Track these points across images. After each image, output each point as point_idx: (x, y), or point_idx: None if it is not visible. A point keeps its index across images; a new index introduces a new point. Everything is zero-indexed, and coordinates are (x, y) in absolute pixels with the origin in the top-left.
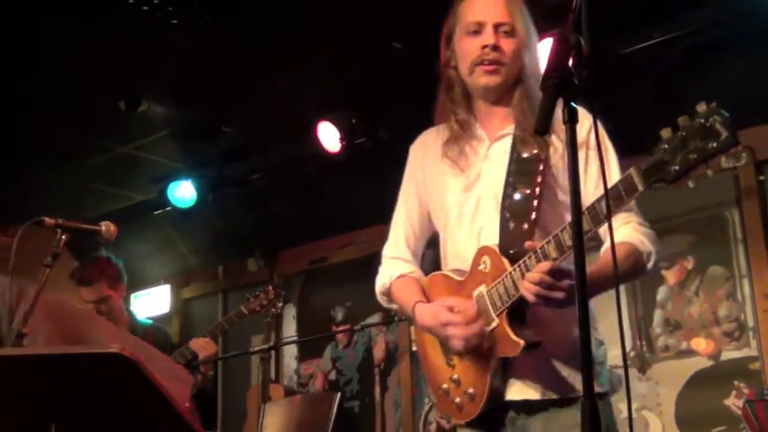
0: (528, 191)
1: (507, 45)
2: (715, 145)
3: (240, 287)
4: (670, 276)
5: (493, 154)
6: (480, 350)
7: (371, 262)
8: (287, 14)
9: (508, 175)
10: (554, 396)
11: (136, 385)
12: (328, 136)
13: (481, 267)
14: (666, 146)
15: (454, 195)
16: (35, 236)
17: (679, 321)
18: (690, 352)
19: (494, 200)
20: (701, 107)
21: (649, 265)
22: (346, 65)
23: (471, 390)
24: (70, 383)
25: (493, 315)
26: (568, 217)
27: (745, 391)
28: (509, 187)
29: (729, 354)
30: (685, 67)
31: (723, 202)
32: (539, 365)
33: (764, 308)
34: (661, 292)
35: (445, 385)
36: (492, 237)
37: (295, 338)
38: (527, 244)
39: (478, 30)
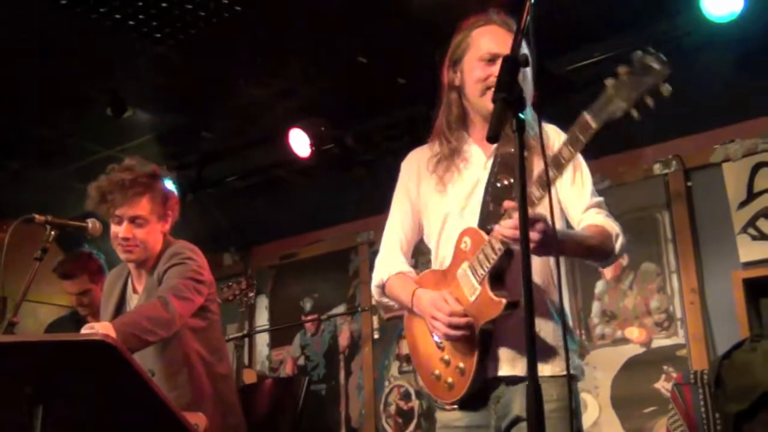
0: (506, 181)
1: None
2: (651, 78)
3: (216, 279)
4: (607, 271)
5: (490, 165)
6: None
7: (337, 258)
8: (264, 31)
9: (493, 167)
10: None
11: (119, 370)
12: (299, 142)
13: (462, 246)
14: (610, 89)
15: (454, 202)
16: (26, 232)
17: (615, 312)
18: (624, 340)
19: None
20: (636, 54)
21: (617, 245)
22: (316, 78)
23: (461, 365)
24: (57, 368)
25: (476, 284)
26: (538, 208)
27: (674, 375)
28: (492, 177)
29: (659, 342)
30: None
31: (655, 205)
32: (521, 339)
33: (691, 301)
34: (599, 286)
35: (436, 371)
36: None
37: (267, 327)
38: (506, 203)
39: (492, 60)
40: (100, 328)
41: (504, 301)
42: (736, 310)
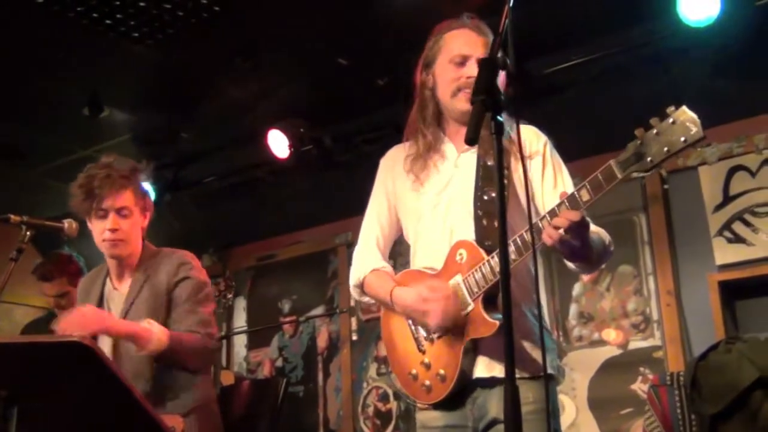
0: (494, 194)
1: None
2: (685, 138)
3: None
4: (584, 274)
5: (461, 163)
6: (453, 334)
7: (316, 259)
8: (242, 31)
9: (477, 180)
10: (518, 375)
11: (94, 372)
12: (278, 143)
13: (458, 258)
14: (640, 142)
15: (427, 199)
16: (1, 232)
17: (592, 314)
18: (601, 342)
19: (464, 203)
20: (671, 109)
21: (611, 248)
22: (296, 79)
23: (442, 371)
24: (32, 369)
25: (469, 300)
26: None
27: (650, 377)
28: (479, 190)
29: (636, 344)
30: (599, 86)
31: (632, 208)
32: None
33: (667, 303)
34: (576, 288)
35: (414, 370)
36: (464, 234)
37: (245, 328)
38: (561, 194)
39: (463, 62)
40: (157, 331)
41: (497, 323)
42: (711, 312)
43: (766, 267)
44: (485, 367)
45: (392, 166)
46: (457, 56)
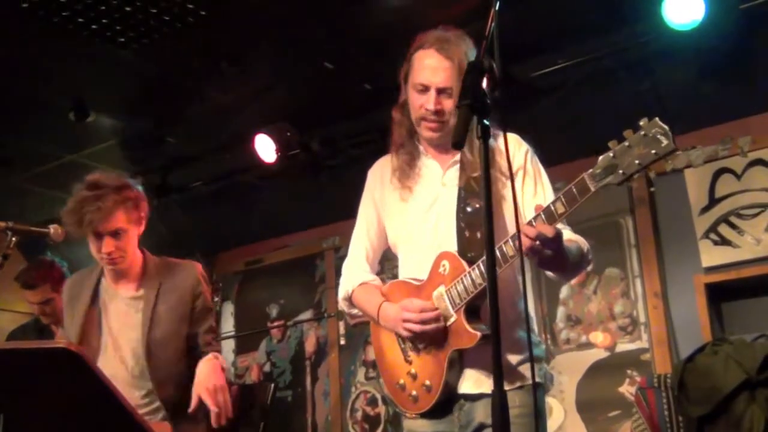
0: (478, 205)
1: (448, 105)
2: (656, 151)
3: None
4: None
5: (447, 180)
6: (437, 345)
7: (303, 264)
8: (229, 36)
9: (460, 192)
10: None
11: (81, 378)
12: (265, 148)
13: (441, 270)
14: (612, 154)
15: (415, 216)
16: None
17: (580, 317)
18: (589, 345)
19: (450, 218)
20: (643, 122)
21: (590, 257)
22: (282, 83)
23: (428, 382)
24: (18, 377)
25: (452, 311)
26: (511, 227)
27: (637, 379)
28: (462, 202)
29: (623, 346)
30: (584, 89)
31: (619, 211)
32: (489, 359)
33: (654, 305)
34: (564, 291)
35: (401, 381)
36: (449, 247)
37: (233, 333)
38: (536, 206)
39: (424, 90)
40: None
41: (479, 334)
42: (698, 314)
43: (752, 269)
44: (473, 384)
45: (380, 177)
46: (418, 84)
